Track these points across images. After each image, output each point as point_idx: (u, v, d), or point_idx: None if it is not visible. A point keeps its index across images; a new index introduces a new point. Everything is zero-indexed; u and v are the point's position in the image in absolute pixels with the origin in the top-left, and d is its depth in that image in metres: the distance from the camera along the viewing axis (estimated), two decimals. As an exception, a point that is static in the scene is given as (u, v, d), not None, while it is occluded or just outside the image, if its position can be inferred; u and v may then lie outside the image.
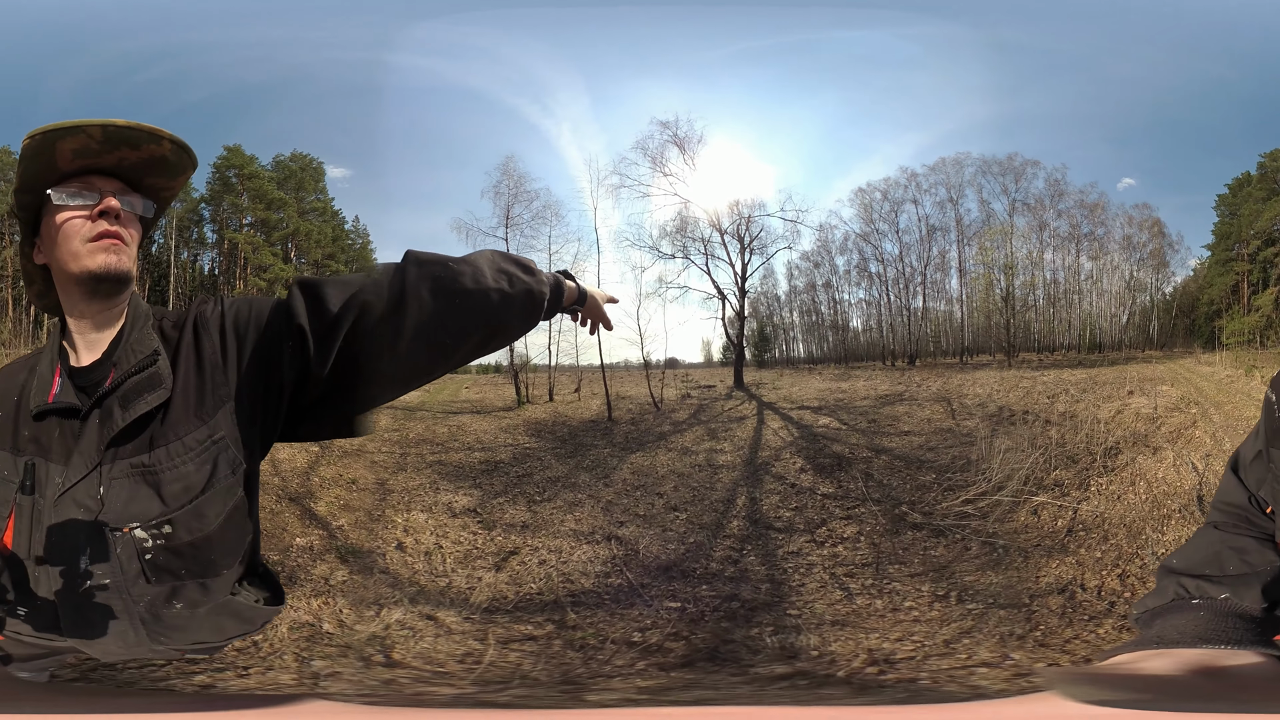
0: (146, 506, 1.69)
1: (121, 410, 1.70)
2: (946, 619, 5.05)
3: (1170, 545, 5.83)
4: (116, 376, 1.73)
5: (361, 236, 13.69)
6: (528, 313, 1.89)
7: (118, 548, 1.68)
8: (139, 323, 1.81)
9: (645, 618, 5.35)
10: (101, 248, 1.74)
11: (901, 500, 7.55)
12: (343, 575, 5.64)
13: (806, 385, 13.17)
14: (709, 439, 10.40)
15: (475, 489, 8.49)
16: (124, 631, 1.74)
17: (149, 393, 1.72)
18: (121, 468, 1.69)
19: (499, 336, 1.87)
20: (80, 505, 1.68)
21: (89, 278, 1.74)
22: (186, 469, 1.71)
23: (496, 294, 1.80)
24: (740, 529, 7.33)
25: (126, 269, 1.77)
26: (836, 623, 5.13)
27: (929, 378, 12.70)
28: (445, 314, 1.75)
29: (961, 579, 5.68)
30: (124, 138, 1.73)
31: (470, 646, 4.88)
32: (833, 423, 10.84)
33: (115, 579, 1.69)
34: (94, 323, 1.80)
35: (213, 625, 1.85)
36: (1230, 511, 1.96)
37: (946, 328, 14.26)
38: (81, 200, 1.75)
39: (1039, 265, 13.55)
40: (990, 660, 4.37)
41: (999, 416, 9.97)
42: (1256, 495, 1.92)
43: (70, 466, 1.68)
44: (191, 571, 1.75)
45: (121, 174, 1.81)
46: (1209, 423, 8.59)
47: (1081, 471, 7.61)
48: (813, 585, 5.89)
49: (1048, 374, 12.06)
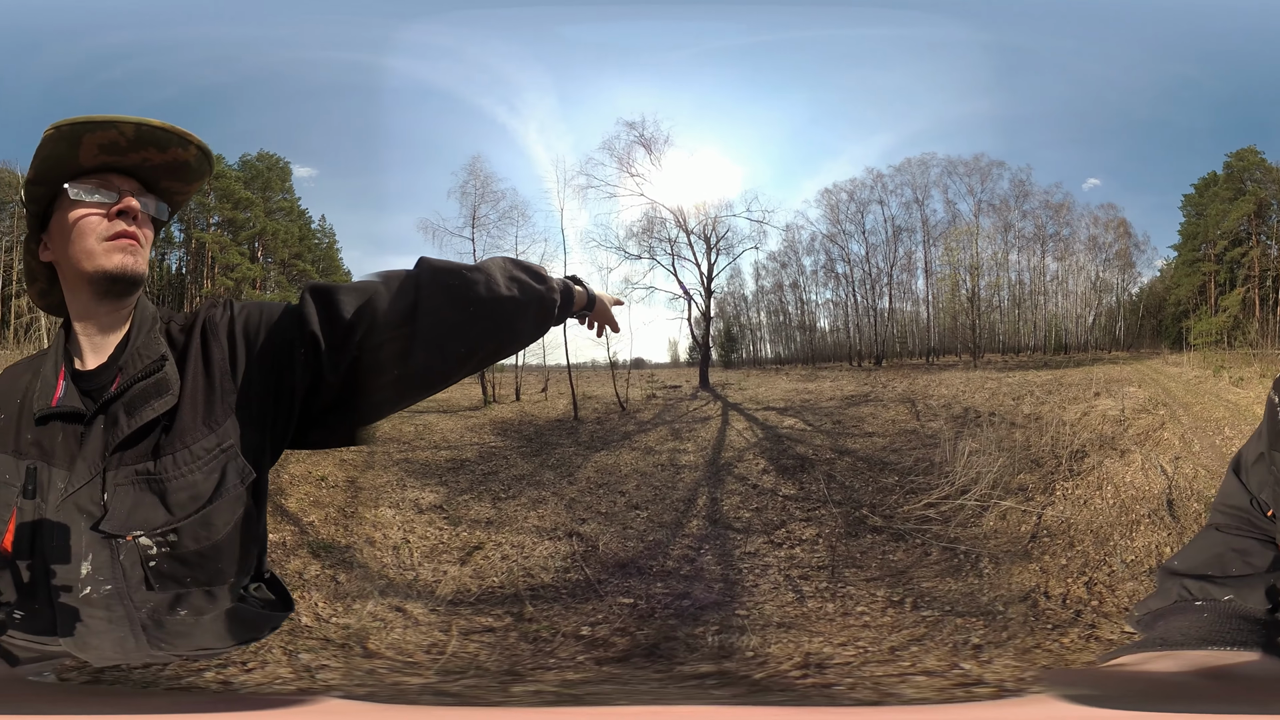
0: (151, 515, 1.66)
1: (127, 417, 1.68)
2: (898, 625, 5.02)
3: (1139, 551, 5.79)
4: (122, 381, 1.71)
5: (328, 236, 13.75)
6: (539, 320, 1.88)
7: (120, 554, 1.66)
8: (145, 325, 1.79)
9: (598, 612, 5.39)
10: (118, 248, 1.72)
11: (863, 503, 7.51)
12: (316, 570, 5.63)
13: (773, 386, 13.22)
14: (673, 439, 10.44)
15: (441, 486, 8.54)
16: (123, 638, 1.71)
17: (156, 399, 1.69)
18: (126, 474, 1.66)
19: (511, 344, 1.87)
20: (83, 511, 1.66)
21: (104, 278, 1.71)
22: (194, 478, 1.68)
23: (509, 302, 1.79)
24: (699, 528, 7.34)
25: (141, 271, 1.76)
26: (783, 625, 5.12)
27: (895, 378, 12.75)
28: (459, 323, 1.74)
29: (919, 585, 5.64)
30: (154, 139, 1.71)
31: (435, 637, 4.95)
32: (797, 424, 10.86)
33: (117, 585, 1.67)
34: (100, 325, 1.78)
35: (217, 632, 1.81)
36: (1232, 513, 1.94)
37: (913, 328, 14.32)
38: (100, 198, 1.72)
39: (1004, 266, 13.67)
40: (935, 669, 4.29)
41: (964, 418, 9.95)
42: (1258, 498, 1.89)
43: (74, 472, 1.66)
44: (197, 580, 1.73)
45: (140, 175, 1.78)
46: (1177, 424, 8.59)
47: (1047, 475, 7.57)
48: (766, 586, 5.89)
49: (1013, 375, 12.13)
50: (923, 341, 14.19)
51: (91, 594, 1.67)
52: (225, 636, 1.84)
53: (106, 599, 1.67)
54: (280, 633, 4.62)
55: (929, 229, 13.49)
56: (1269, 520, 1.86)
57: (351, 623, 5.04)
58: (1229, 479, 1.99)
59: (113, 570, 1.66)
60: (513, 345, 1.87)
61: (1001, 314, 13.94)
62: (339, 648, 4.67)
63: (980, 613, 5.06)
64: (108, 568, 1.66)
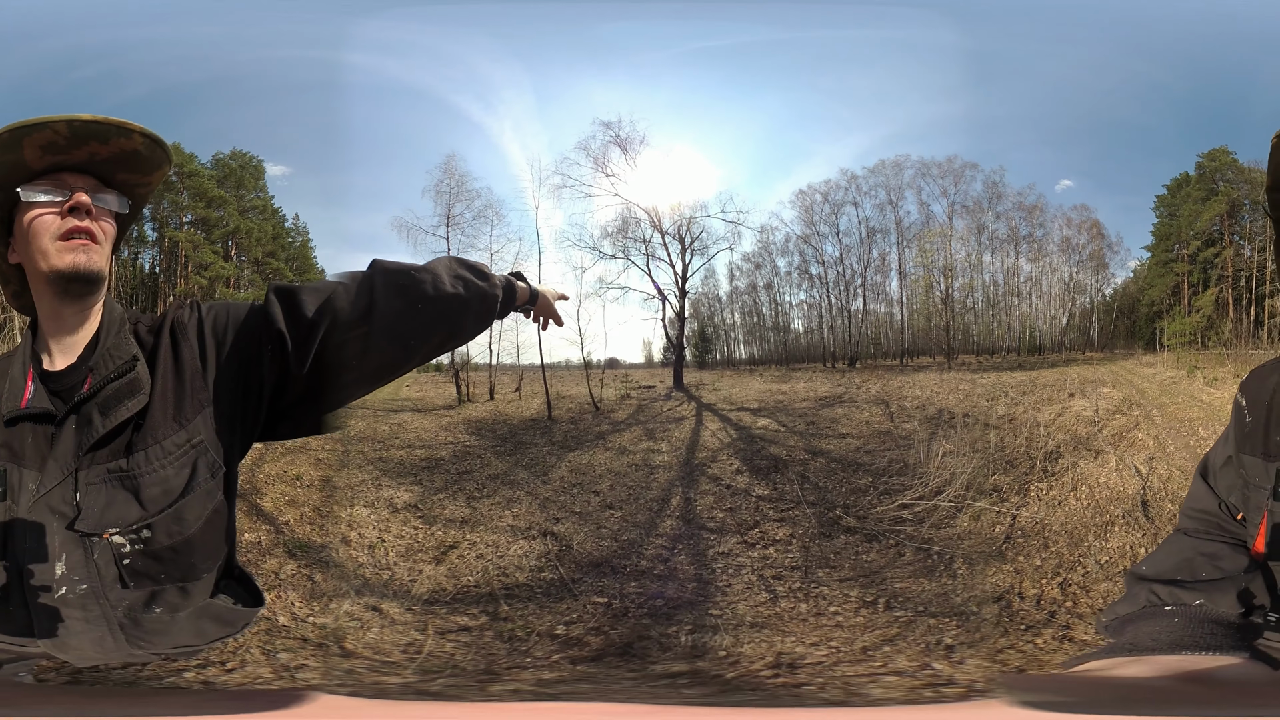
0: (125, 511, 1.70)
1: (101, 416, 1.71)
2: (871, 626, 5.01)
3: (1114, 552, 5.78)
4: (95, 382, 1.74)
5: (301, 234, 13.62)
6: (482, 315, 1.99)
7: (95, 553, 1.69)
8: (114, 326, 1.82)
9: (572, 612, 5.42)
10: (70, 247, 1.74)
11: (836, 504, 7.51)
12: (292, 569, 5.63)
13: (747, 387, 13.20)
14: (647, 439, 10.42)
15: (416, 485, 8.51)
16: (100, 637, 1.73)
17: (129, 399, 1.73)
18: (98, 473, 1.70)
19: (457, 337, 1.97)
20: (55, 512, 1.69)
21: (59, 277, 1.75)
22: (166, 473, 1.73)
23: (455, 300, 1.87)
24: (673, 528, 7.33)
25: (97, 268, 1.78)
26: (755, 624, 5.12)
27: (869, 380, 12.75)
28: (410, 318, 1.82)
29: (892, 585, 5.64)
30: (91, 132, 1.73)
31: (412, 636, 4.96)
32: (771, 425, 10.85)
33: (92, 584, 1.70)
34: (66, 325, 1.80)
35: (193, 629, 1.84)
36: (1200, 518, 1.99)
37: (887, 330, 14.29)
38: (51, 197, 1.76)
39: (978, 268, 13.68)
40: (906, 669, 4.28)
41: (938, 420, 9.97)
42: (1226, 501, 1.94)
43: (45, 473, 1.69)
44: (171, 576, 1.77)
45: (94, 170, 1.81)
46: (1152, 425, 8.61)
47: (1021, 476, 7.57)
48: (739, 586, 5.89)
49: (987, 376, 12.15)
50: (897, 343, 14.18)
51: (67, 594, 1.69)
52: (202, 633, 1.85)
53: (82, 599, 1.69)
54: (257, 632, 4.62)
55: (903, 231, 13.45)
56: (1239, 524, 1.90)
57: (328, 622, 5.03)
58: (1196, 483, 2.04)
59: (87, 569, 1.68)
60: (458, 337, 1.97)
61: (975, 315, 13.97)
62: (316, 647, 4.65)
63: (953, 613, 5.05)
64: (82, 567, 1.68)
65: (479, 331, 2.01)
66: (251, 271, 13.10)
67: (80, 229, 1.74)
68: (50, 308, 1.79)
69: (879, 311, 14.27)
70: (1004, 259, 13.56)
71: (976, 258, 13.50)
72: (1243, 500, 1.88)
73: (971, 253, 13.46)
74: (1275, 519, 1.77)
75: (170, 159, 1.89)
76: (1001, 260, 13.57)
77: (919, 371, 13.07)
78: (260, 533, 6.38)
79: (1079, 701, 1.54)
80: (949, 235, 13.28)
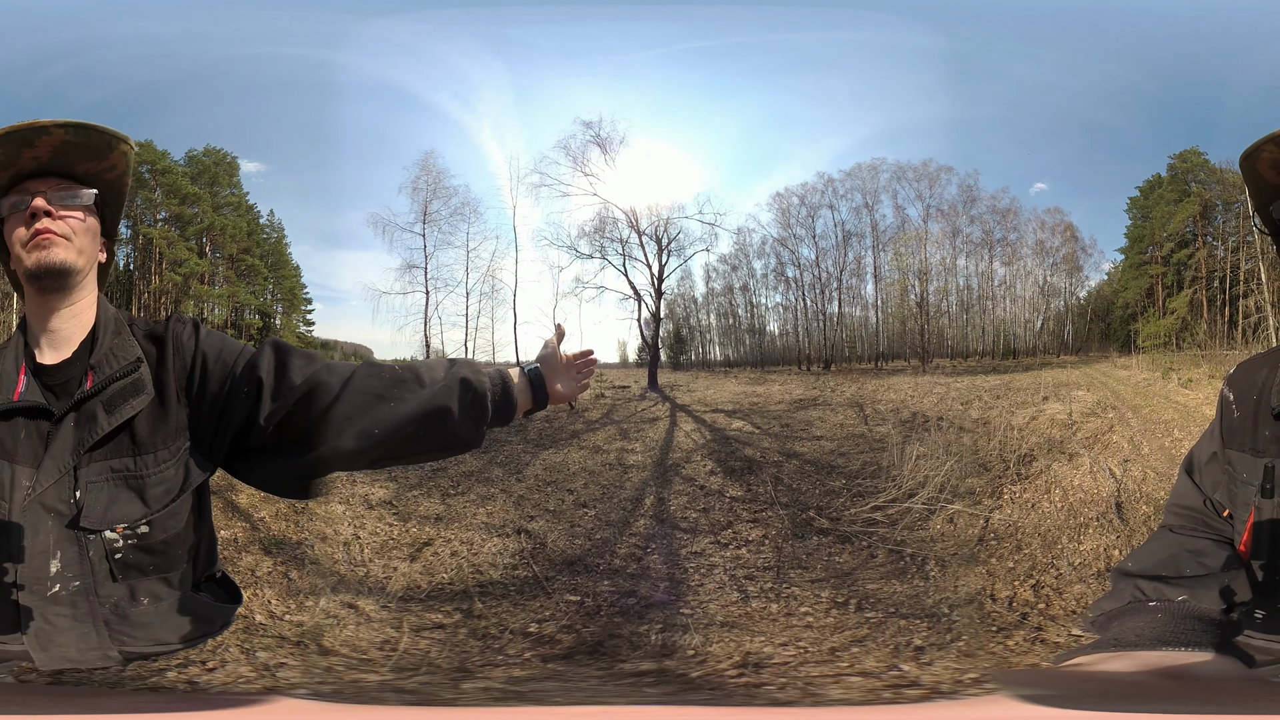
0: (128, 509, 1.75)
1: (106, 414, 1.75)
2: (841, 626, 5.01)
3: (1088, 555, 5.77)
4: (98, 380, 1.78)
5: (277, 231, 13.56)
6: (470, 412, 1.94)
7: (90, 550, 1.73)
8: (111, 325, 1.88)
9: (545, 609, 5.44)
10: (33, 246, 1.82)
11: (809, 505, 7.50)
12: (268, 567, 5.65)
13: (721, 388, 13.20)
14: (620, 439, 10.42)
15: (391, 482, 8.42)
16: (84, 634, 1.74)
17: (133, 398, 1.78)
18: (98, 470, 1.74)
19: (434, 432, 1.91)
20: (51, 510, 1.71)
21: (29, 276, 1.82)
22: (169, 473, 1.79)
23: (414, 442, 1.89)
24: (646, 528, 7.33)
25: (60, 260, 1.83)
26: (726, 624, 5.13)
27: (844, 383, 12.76)
28: (379, 405, 1.85)
29: (864, 586, 5.64)
30: (16, 140, 1.80)
31: (387, 634, 5.00)
32: (746, 426, 10.86)
33: (85, 581, 1.73)
34: (53, 320, 1.85)
35: (175, 624, 1.86)
36: (1185, 514, 2.01)
37: (862, 333, 14.35)
38: (20, 207, 1.83)
39: (952, 271, 13.73)
40: (873, 670, 4.26)
41: (912, 423, 9.99)
42: (1212, 498, 1.95)
43: (41, 471, 1.71)
44: (159, 567, 1.82)
45: (52, 170, 1.87)
46: (1126, 427, 8.63)
47: (995, 479, 7.58)
48: (711, 586, 5.90)
49: (961, 380, 12.20)
50: (872, 346, 14.24)
51: (60, 592, 1.72)
52: (182, 629, 1.88)
53: (73, 596, 1.72)
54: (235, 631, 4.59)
55: (878, 234, 13.49)
56: (1224, 520, 1.91)
57: (305, 620, 5.04)
58: (1181, 479, 2.06)
59: (81, 566, 1.72)
60: (441, 436, 1.93)
61: (950, 319, 14.04)
62: (295, 645, 4.66)
63: (925, 615, 5.05)
64: (76, 564, 1.72)
65: (470, 432, 1.94)
66: (226, 268, 13.10)
67: (39, 230, 1.81)
68: (36, 304, 1.86)
69: (854, 314, 14.31)
70: (978, 262, 13.64)
71: (951, 261, 13.58)
72: (1228, 496, 1.88)
73: (946, 256, 13.55)
74: (1261, 517, 1.77)
75: (118, 136, 1.90)
76: (976, 264, 13.65)
77: (894, 375, 13.11)
78: (236, 529, 6.37)
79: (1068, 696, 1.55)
80: (924, 239, 13.35)
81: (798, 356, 14.66)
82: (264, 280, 13.30)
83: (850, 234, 13.59)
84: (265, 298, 13.40)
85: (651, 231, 13.00)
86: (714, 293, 15.09)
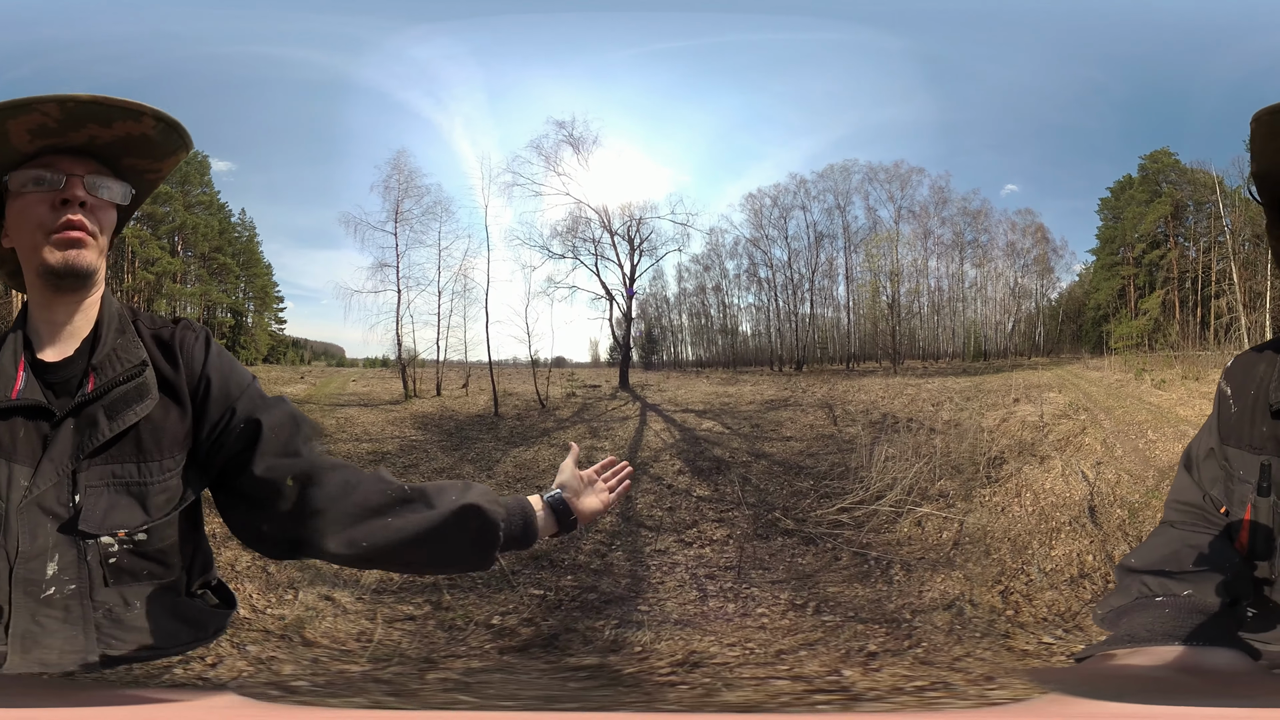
0: (129, 516, 1.68)
1: (107, 420, 1.67)
2: (795, 629, 4.99)
3: (1059, 560, 5.73)
4: (100, 383, 1.70)
5: (248, 229, 13.69)
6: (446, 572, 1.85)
7: (87, 554, 1.66)
8: (115, 322, 1.77)
9: (510, 602, 5.41)
10: (60, 242, 1.66)
11: (775, 506, 7.46)
12: (247, 561, 5.53)
13: (692, 388, 13.25)
14: (590, 437, 10.55)
15: None
16: (73, 637, 1.68)
17: (136, 403, 1.70)
18: (99, 475, 1.67)
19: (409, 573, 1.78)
20: (49, 513, 1.64)
21: (48, 273, 1.67)
22: (172, 482, 1.73)
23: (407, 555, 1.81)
24: (612, 525, 7.23)
25: (87, 265, 1.69)
26: (680, 622, 5.12)
27: (815, 384, 12.81)
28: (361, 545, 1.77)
29: (825, 589, 5.58)
30: (90, 114, 1.63)
31: (363, 626, 5.00)
32: (716, 426, 10.90)
33: (80, 585, 1.66)
34: (59, 317, 1.74)
35: (166, 629, 1.79)
36: (1185, 510, 1.97)
37: (834, 334, 14.43)
38: (43, 184, 1.66)
39: (924, 272, 13.85)
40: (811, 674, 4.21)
41: (882, 424, 9.97)
42: (1210, 494, 1.92)
43: (39, 473, 1.64)
44: (153, 574, 1.75)
45: (96, 154, 1.70)
46: (1099, 429, 8.64)
47: (966, 483, 7.56)
48: (671, 584, 5.86)
49: (932, 381, 12.29)
50: (843, 347, 14.32)
51: (54, 594, 1.65)
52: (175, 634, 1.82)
53: (67, 599, 1.66)
54: None
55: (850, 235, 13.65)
56: (1224, 516, 1.87)
57: (286, 613, 5.05)
58: (1180, 475, 2.03)
59: (78, 570, 1.65)
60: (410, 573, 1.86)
61: (921, 320, 14.13)
62: (279, 639, 4.69)
63: (884, 620, 4.99)
64: (74, 567, 1.65)
65: (477, 558, 1.86)
66: (198, 266, 13.13)
67: (72, 223, 1.65)
68: (42, 298, 1.73)
69: (826, 315, 14.42)
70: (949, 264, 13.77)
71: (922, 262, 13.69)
72: (1225, 494, 1.86)
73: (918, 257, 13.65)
74: (1259, 515, 1.75)
75: (188, 144, 1.77)
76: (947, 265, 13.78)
77: (865, 376, 13.17)
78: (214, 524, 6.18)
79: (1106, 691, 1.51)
80: (895, 240, 13.47)
81: (770, 357, 14.74)
82: (236, 279, 13.35)
83: (822, 235, 13.76)
84: (237, 296, 13.44)
85: (624, 231, 13.14)
86: (686, 293, 15.21)
